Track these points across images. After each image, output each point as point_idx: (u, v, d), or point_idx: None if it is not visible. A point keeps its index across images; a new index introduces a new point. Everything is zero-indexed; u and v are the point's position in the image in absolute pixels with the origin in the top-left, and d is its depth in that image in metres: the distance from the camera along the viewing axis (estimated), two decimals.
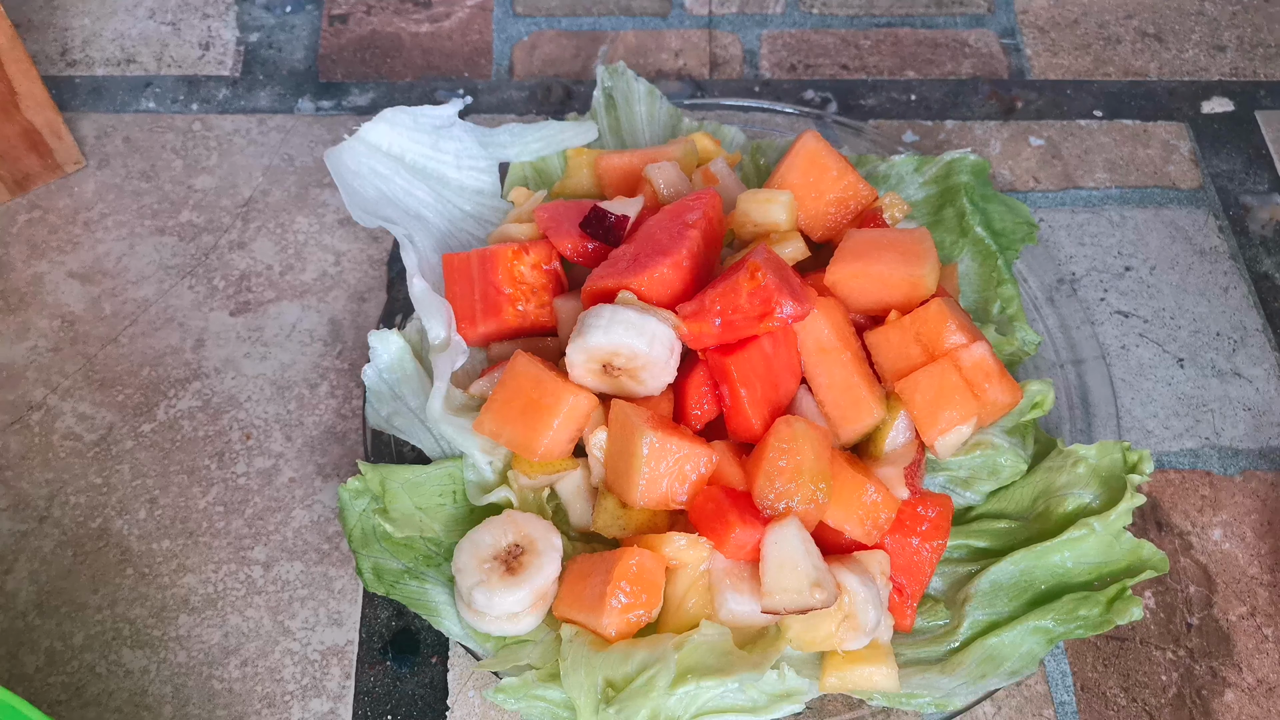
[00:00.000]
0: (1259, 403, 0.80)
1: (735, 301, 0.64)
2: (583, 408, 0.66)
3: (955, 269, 0.78)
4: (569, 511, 0.69)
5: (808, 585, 0.60)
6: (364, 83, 0.97)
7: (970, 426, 0.68)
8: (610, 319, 0.65)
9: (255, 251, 0.87)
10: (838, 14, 1.02)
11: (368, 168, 0.79)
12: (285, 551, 0.73)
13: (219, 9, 1.02)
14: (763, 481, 0.63)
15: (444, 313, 0.71)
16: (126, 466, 0.76)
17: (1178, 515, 0.75)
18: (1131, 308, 0.84)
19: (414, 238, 0.76)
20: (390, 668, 0.69)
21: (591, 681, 0.60)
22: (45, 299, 0.84)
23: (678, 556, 0.63)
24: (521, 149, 0.84)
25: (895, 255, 0.69)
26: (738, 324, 0.65)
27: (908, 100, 0.96)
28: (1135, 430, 0.79)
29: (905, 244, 0.70)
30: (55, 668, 0.69)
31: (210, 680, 0.68)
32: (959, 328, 0.68)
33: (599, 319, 0.65)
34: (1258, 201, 0.90)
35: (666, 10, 1.03)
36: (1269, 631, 0.71)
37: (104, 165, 0.91)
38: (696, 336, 0.65)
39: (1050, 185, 0.91)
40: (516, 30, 1.01)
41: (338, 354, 0.82)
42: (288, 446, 0.77)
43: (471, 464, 0.69)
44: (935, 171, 0.82)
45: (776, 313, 0.64)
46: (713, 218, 0.70)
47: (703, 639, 0.61)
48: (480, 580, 0.63)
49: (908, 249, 0.69)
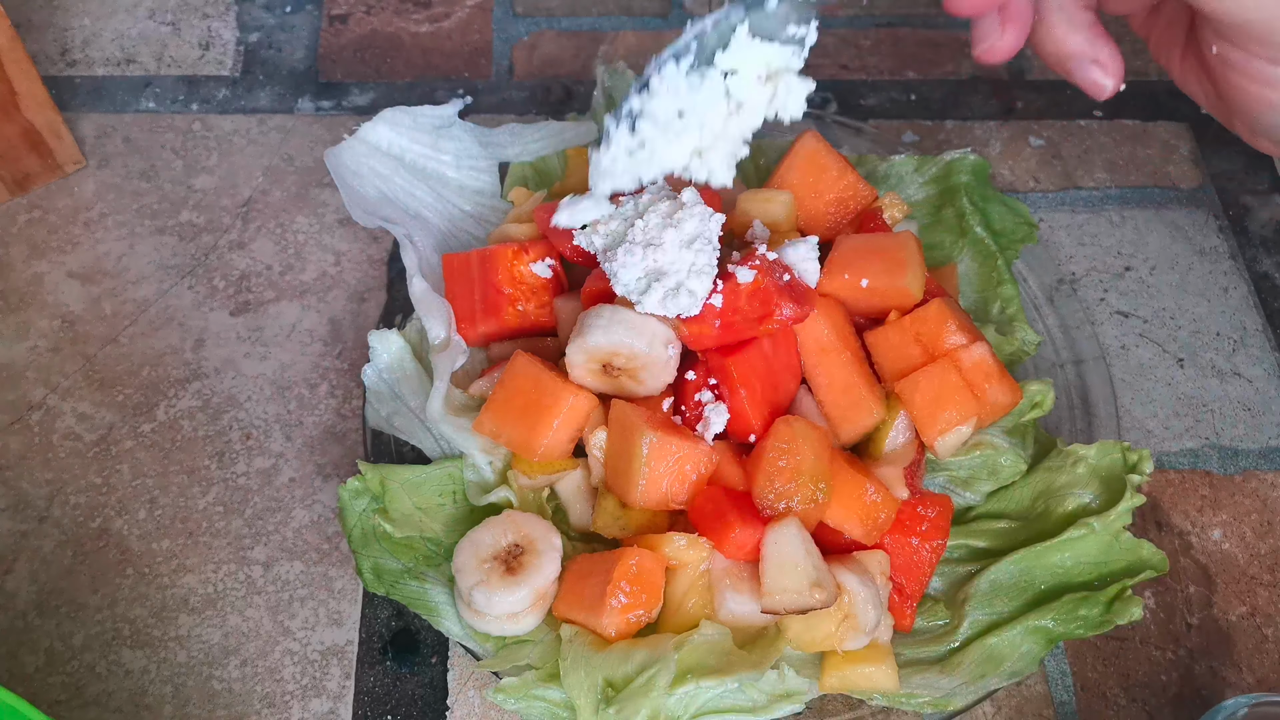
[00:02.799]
0: (1259, 403, 0.80)
1: (735, 303, 0.64)
2: (582, 408, 0.66)
3: (955, 269, 0.78)
4: (569, 512, 0.69)
5: (807, 585, 0.60)
6: (364, 83, 0.97)
7: (970, 427, 0.68)
8: (610, 319, 0.65)
9: (255, 251, 0.87)
10: (838, 14, 1.02)
11: (368, 168, 0.79)
12: (285, 551, 0.73)
13: (219, 9, 1.02)
14: (763, 481, 0.63)
15: (444, 313, 0.71)
16: (126, 466, 0.76)
17: (1178, 515, 0.75)
18: (1131, 308, 0.84)
19: (414, 238, 0.76)
20: (390, 668, 0.69)
21: (591, 681, 0.60)
22: (45, 299, 0.84)
23: (678, 557, 0.63)
24: (521, 149, 0.84)
25: (880, 265, 0.69)
26: (738, 325, 0.65)
27: (908, 100, 0.96)
28: (1135, 430, 0.79)
29: (890, 251, 0.69)
30: (55, 668, 0.69)
31: (210, 680, 0.68)
32: (959, 328, 0.68)
33: (599, 319, 0.65)
34: (1258, 201, 0.90)
35: (666, 10, 1.03)
36: (1269, 631, 0.71)
37: (104, 165, 0.91)
38: (696, 337, 0.65)
39: (1050, 185, 0.91)
40: (516, 30, 1.01)
41: (338, 354, 0.82)
42: (288, 446, 0.77)
43: (471, 464, 0.69)
44: (935, 171, 0.82)
45: (776, 315, 0.64)
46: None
47: (703, 639, 0.61)
48: (480, 580, 0.63)
49: (892, 257, 0.69)
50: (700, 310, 0.64)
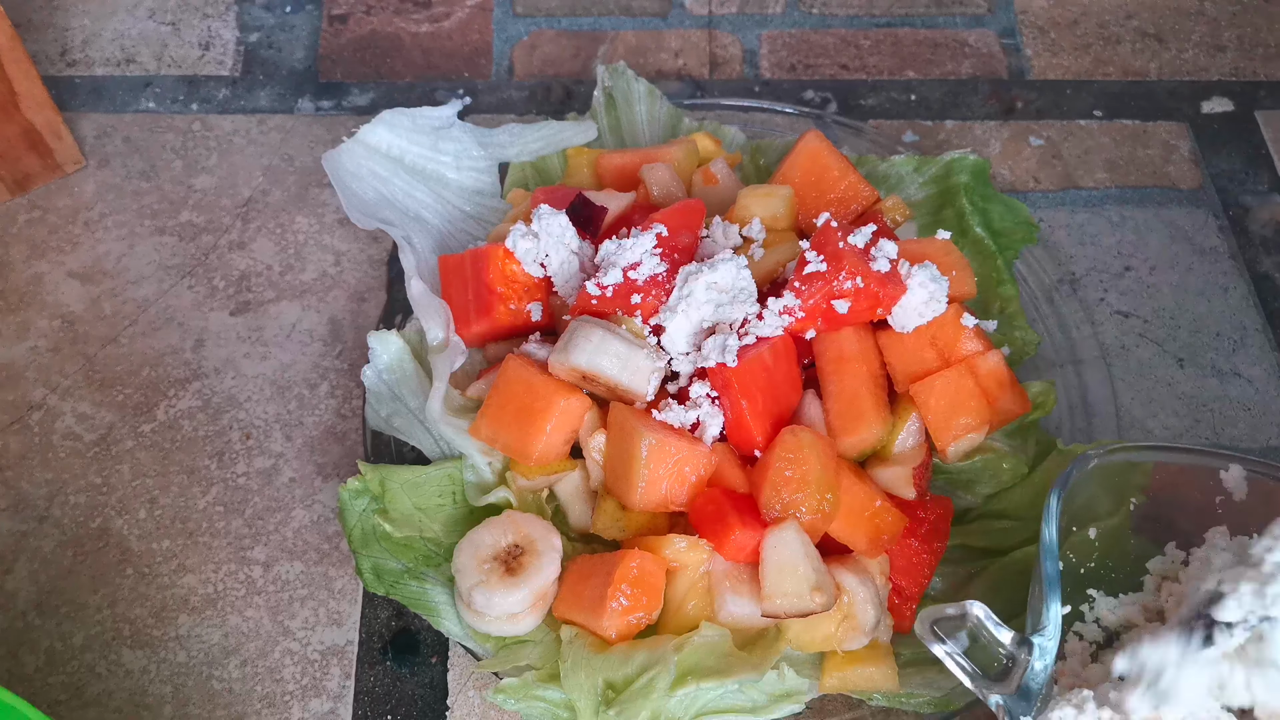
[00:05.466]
0: (1259, 403, 0.80)
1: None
2: (575, 410, 0.66)
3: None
4: (568, 513, 0.69)
5: (807, 589, 0.60)
6: (364, 83, 0.97)
7: (982, 435, 0.68)
8: (599, 345, 0.65)
9: (255, 251, 0.87)
10: (838, 14, 1.02)
11: (367, 170, 0.79)
12: (285, 551, 0.73)
13: (219, 9, 1.02)
14: (769, 491, 0.62)
15: (442, 314, 0.71)
16: (126, 466, 0.76)
17: None
18: (1131, 308, 0.84)
19: (412, 239, 0.76)
20: (390, 668, 0.69)
21: (592, 683, 0.60)
22: (45, 299, 0.84)
23: (678, 559, 0.63)
24: (521, 149, 0.84)
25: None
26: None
27: (908, 100, 0.96)
28: (1135, 430, 0.79)
29: (935, 256, 0.71)
30: (55, 668, 0.69)
31: (210, 680, 0.68)
32: (975, 334, 0.69)
33: (588, 341, 0.65)
34: (1258, 201, 0.90)
35: (666, 10, 1.03)
36: None
37: (104, 165, 0.91)
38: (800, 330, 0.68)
39: (1050, 185, 0.91)
40: (516, 30, 1.01)
41: (338, 354, 0.82)
42: (288, 446, 0.77)
43: (471, 465, 0.69)
44: (935, 172, 0.82)
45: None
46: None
47: (703, 640, 0.61)
48: (480, 580, 0.63)
49: (940, 261, 0.71)
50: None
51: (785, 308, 0.67)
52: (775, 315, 0.67)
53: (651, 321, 0.67)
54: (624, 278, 0.67)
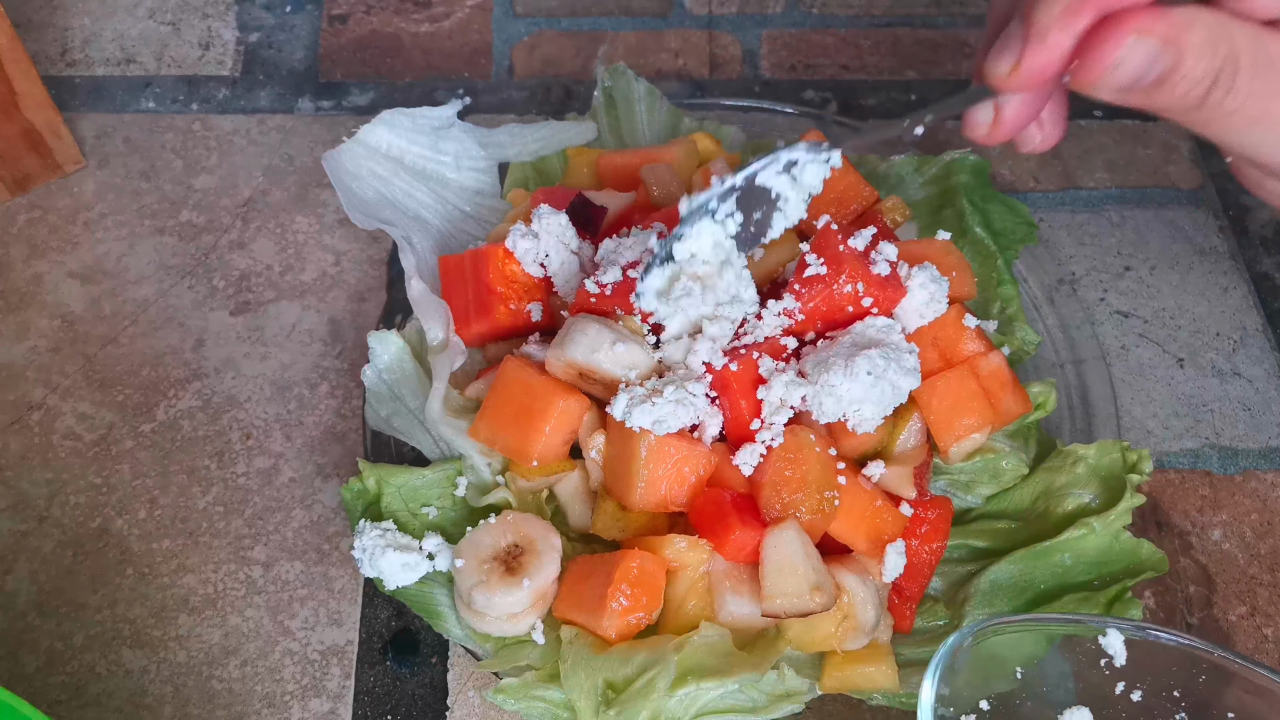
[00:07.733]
0: (1259, 403, 0.80)
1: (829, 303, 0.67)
2: (574, 410, 0.66)
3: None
4: (568, 513, 0.69)
5: (807, 589, 0.60)
6: (364, 83, 0.97)
7: (984, 435, 0.68)
8: (595, 340, 0.65)
9: (255, 251, 0.87)
10: (838, 14, 1.02)
11: (367, 170, 0.79)
12: (285, 551, 0.73)
13: (219, 9, 1.02)
14: (769, 491, 0.62)
15: (442, 314, 0.71)
16: (126, 466, 0.76)
17: (1178, 515, 0.75)
18: (1131, 308, 0.84)
19: (412, 239, 0.76)
20: (390, 668, 0.69)
21: (592, 683, 0.60)
22: (45, 299, 0.84)
23: (678, 559, 0.63)
24: (521, 149, 0.84)
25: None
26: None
27: (908, 100, 0.96)
28: (1135, 430, 0.79)
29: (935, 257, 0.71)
30: (55, 668, 0.69)
31: (210, 680, 0.68)
32: (977, 335, 0.69)
33: (584, 335, 0.65)
34: (1258, 201, 0.90)
35: (666, 10, 1.03)
36: (1269, 631, 0.71)
37: (104, 165, 0.91)
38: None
39: (1050, 185, 0.91)
40: (516, 30, 1.01)
41: (338, 354, 0.82)
42: (288, 446, 0.77)
43: (470, 465, 0.69)
44: (935, 172, 0.82)
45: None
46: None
47: (703, 640, 0.61)
48: (479, 581, 0.63)
49: (940, 261, 0.70)
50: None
51: (785, 309, 0.67)
52: (775, 316, 0.67)
53: (650, 320, 0.67)
54: (623, 276, 0.67)
